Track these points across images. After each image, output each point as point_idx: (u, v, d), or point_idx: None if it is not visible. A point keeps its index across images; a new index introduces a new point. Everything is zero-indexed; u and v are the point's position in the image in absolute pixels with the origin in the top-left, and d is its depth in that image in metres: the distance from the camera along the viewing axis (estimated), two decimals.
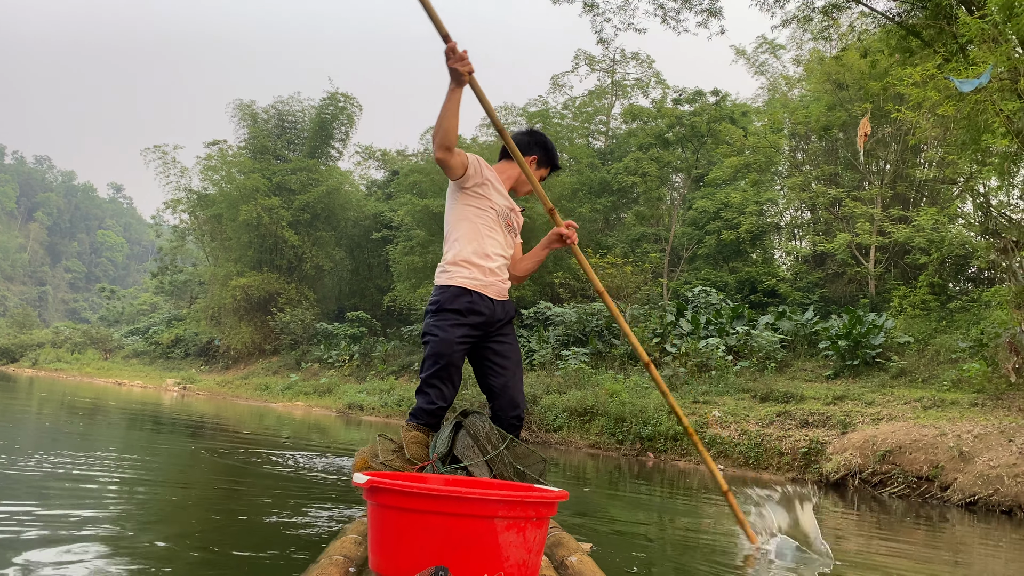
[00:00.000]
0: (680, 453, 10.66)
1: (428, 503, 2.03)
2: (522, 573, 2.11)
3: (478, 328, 3.25)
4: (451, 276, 3.22)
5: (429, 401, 3.23)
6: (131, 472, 4.73)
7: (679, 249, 23.77)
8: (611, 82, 36.66)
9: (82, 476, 4.18)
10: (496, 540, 2.05)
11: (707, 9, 10.48)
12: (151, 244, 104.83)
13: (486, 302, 3.24)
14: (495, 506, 2.05)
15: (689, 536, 4.27)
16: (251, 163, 29.99)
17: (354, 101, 31.70)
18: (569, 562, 2.47)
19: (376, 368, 23.62)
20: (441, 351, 3.17)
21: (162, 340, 35.87)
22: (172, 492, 4.17)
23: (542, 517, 2.15)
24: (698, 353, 13.82)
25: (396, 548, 2.07)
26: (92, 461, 4.92)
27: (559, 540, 2.79)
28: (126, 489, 3.97)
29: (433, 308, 3.24)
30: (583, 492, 6.05)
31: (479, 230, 3.27)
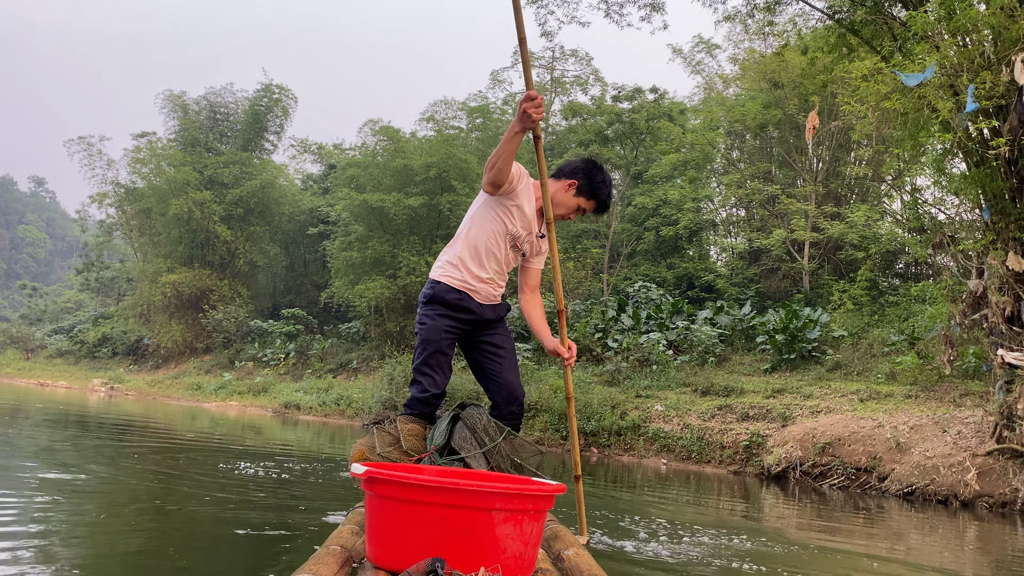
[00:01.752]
0: (624, 448, 10.67)
1: (426, 494, 2.03)
2: (519, 566, 2.11)
3: (466, 324, 3.32)
4: (444, 272, 3.30)
5: (422, 390, 3.27)
6: (54, 478, 4.43)
7: (619, 245, 23.93)
8: (551, 79, 36.75)
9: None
10: (493, 532, 2.05)
11: (650, 4, 10.49)
12: (76, 240, 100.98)
13: (475, 303, 3.31)
14: (493, 498, 2.05)
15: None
16: (182, 156, 29.05)
17: (289, 93, 31.02)
18: (566, 555, 2.49)
19: (313, 366, 23.17)
20: (430, 337, 3.26)
21: (88, 339, 34.51)
22: (97, 500, 3.91)
23: (539, 510, 2.16)
24: (639, 348, 13.89)
25: (393, 539, 2.08)
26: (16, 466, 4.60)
27: (556, 533, 2.83)
28: (49, 497, 3.69)
29: (424, 299, 3.33)
30: None
31: (483, 243, 3.28)
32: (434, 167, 21.81)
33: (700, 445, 9.86)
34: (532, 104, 2.93)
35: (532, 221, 3.33)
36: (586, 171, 3.38)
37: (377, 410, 14.61)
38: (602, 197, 3.43)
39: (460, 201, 21.42)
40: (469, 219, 3.35)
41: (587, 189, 3.38)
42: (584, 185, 3.37)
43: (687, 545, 3.77)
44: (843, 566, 3.74)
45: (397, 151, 23.72)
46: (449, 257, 3.34)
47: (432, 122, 28.73)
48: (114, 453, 6.44)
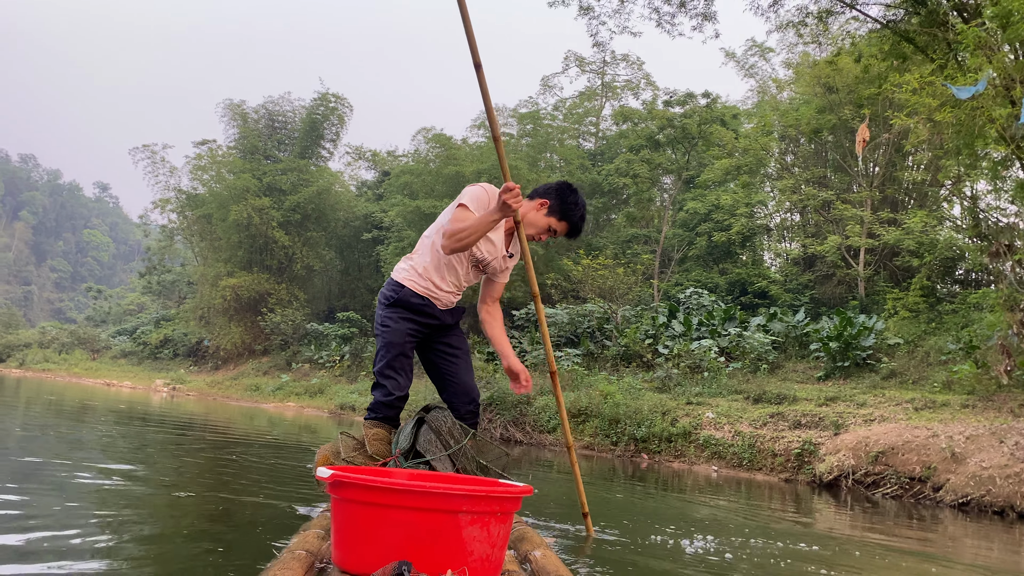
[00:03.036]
0: (674, 455, 10.73)
1: (392, 497, 2.01)
2: (486, 568, 2.09)
3: (427, 327, 3.40)
4: (408, 278, 3.36)
5: (386, 393, 3.31)
6: (118, 470, 4.73)
7: (670, 250, 23.87)
8: (601, 84, 36.79)
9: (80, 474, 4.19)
10: (460, 535, 2.03)
11: (702, 13, 10.55)
12: (138, 244, 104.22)
13: (437, 309, 3.39)
14: (459, 501, 2.03)
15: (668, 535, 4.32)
16: (241, 163, 29.89)
17: (345, 101, 31.68)
18: (533, 557, 2.48)
19: (367, 369, 23.60)
20: (394, 340, 3.30)
21: (150, 340, 35.67)
22: (158, 492, 4.18)
23: (506, 512, 2.14)
24: (691, 355, 13.90)
25: (359, 543, 2.05)
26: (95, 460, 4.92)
27: (523, 535, 2.81)
28: (112, 488, 3.97)
29: (387, 301, 3.34)
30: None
31: (446, 258, 3.35)
32: (485, 173, 22.08)
33: (751, 452, 9.87)
34: (511, 195, 3.00)
35: (499, 245, 3.39)
36: (559, 192, 3.39)
37: None
38: (574, 219, 3.41)
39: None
40: (436, 232, 3.38)
41: (558, 209, 3.38)
42: (556, 205, 3.38)
43: (734, 547, 3.87)
44: (898, 568, 3.80)
45: (449, 158, 24.07)
46: (414, 264, 3.39)
47: (483, 129, 29.07)
48: (174, 448, 6.78)
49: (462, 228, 3.13)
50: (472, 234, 3.12)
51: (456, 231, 3.14)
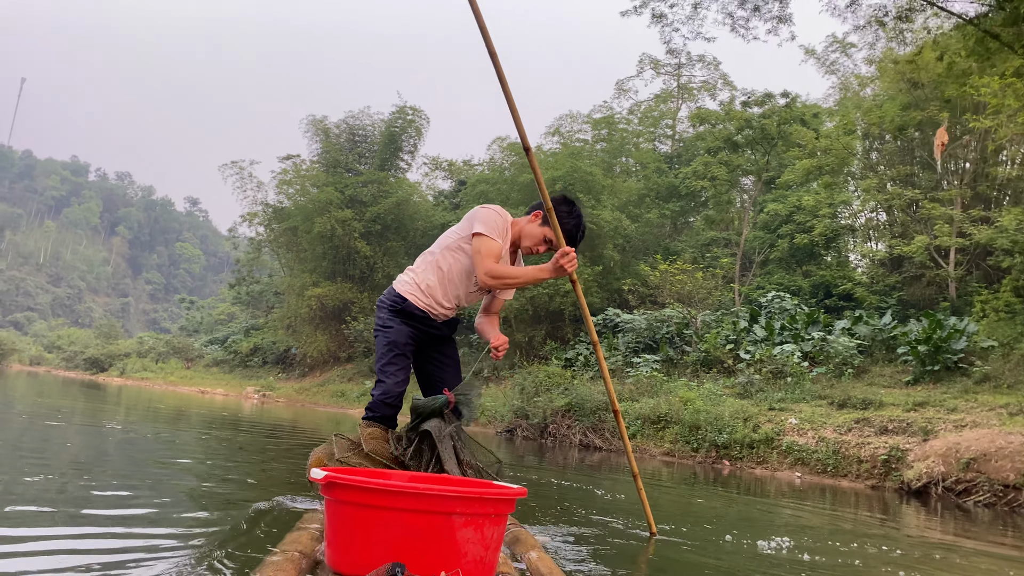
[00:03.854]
0: (756, 461, 10.62)
1: (385, 499, 2.01)
2: (479, 570, 2.08)
3: (425, 335, 3.52)
4: (410, 292, 3.47)
5: (385, 391, 3.38)
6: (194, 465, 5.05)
7: (751, 253, 23.51)
8: (677, 85, 36.49)
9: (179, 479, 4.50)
10: (454, 537, 2.03)
11: (777, 16, 10.44)
12: (227, 255, 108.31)
13: (435, 323, 3.52)
14: (452, 502, 2.03)
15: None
16: (324, 177, 30.84)
17: (422, 114, 32.32)
18: (527, 558, 2.48)
19: None
20: (396, 340, 3.41)
21: (241, 349, 37.08)
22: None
23: (500, 514, 2.14)
24: (773, 360, 13.70)
25: (353, 544, 2.05)
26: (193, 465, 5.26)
27: (517, 537, 2.83)
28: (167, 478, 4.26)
29: (392, 308, 3.46)
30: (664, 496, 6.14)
31: (452, 277, 3.47)
32: (560, 180, 22.21)
33: (836, 459, 9.70)
34: (567, 260, 3.15)
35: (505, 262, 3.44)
36: (560, 212, 3.42)
37: (509, 418, 15.08)
38: (568, 227, 3.43)
39: (586, 213, 21.71)
40: (443, 250, 3.48)
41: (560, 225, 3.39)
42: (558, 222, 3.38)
43: (816, 550, 3.89)
44: (989, 571, 3.77)
45: (524, 166, 24.30)
46: (417, 281, 3.49)
47: (557, 135, 29.24)
48: (264, 450, 7.14)
49: (510, 275, 3.25)
50: (518, 284, 3.29)
51: (502, 275, 3.24)
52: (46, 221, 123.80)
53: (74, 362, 46.72)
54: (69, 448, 5.64)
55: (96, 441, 6.49)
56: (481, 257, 3.27)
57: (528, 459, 9.42)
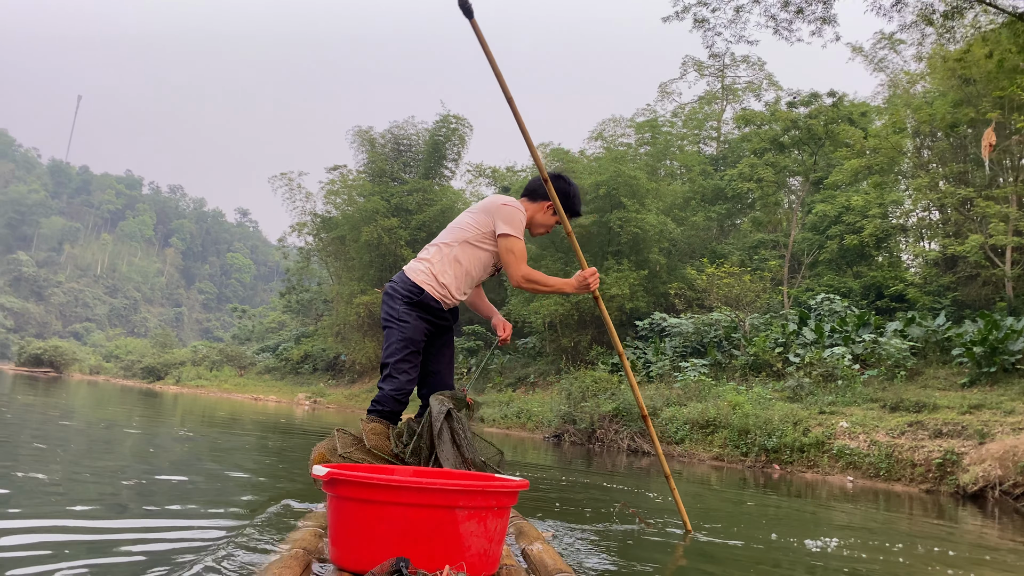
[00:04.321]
0: (807, 465, 10.52)
1: (388, 494, 2.01)
2: (483, 563, 2.08)
3: (436, 327, 3.51)
4: (427, 282, 3.43)
5: (397, 387, 3.34)
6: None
7: (799, 255, 23.21)
8: (721, 87, 36.22)
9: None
10: (457, 530, 2.03)
11: (821, 18, 10.34)
12: (276, 265, 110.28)
13: (447, 313, 3.52)
14: (455, 496, 2.03)
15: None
16: (371, 186, 31.29)
17: (465, 122, 32.57)
18: (531, 550, 2.48)
19: (493, 380, 24.15)
20: (412, 336, 3.37)
21: (292, 356, 37.74)
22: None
23: (503, 507, 2.14)
24: (823, 363, 13.54)
25: (356, 540, 2.04)
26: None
27: (520, 529, 2.84)
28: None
29: (407, 300, 3.41)
30: (707, 501, 6.16)
31: (473, 270, 3.50)
32: (604, 185, 22.22)
33: (889, 463, 9.56)
34: (595, 279, 3.45)
35: None
36: (560, 191, 3.55)
37: (556, 424, 15.14)
38: (576, 209, 3.65)
39: (630, 217, 21.68)
40: (462, 244, 3.48)
41: (564, 206, 3.58)
42: (561, 203, 3.56)
43: (863, 549, 3.90)
44: None
45: (567, 172, 24.35)
46: (435, 272, 3.45)
47: (601, 140, 29.23)
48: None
49: (543, 282, 3.43)
50: (545, 291, 3.46)
51: (537, 281, 3.42)
52: (103, 234, 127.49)
53: (132, 371, 48.04)
54: (153, 452, 5.89)
55: (176, 445, 6.74)
56: (515, 259, 3.37)
57: (576, 463, 9.48)
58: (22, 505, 3.16)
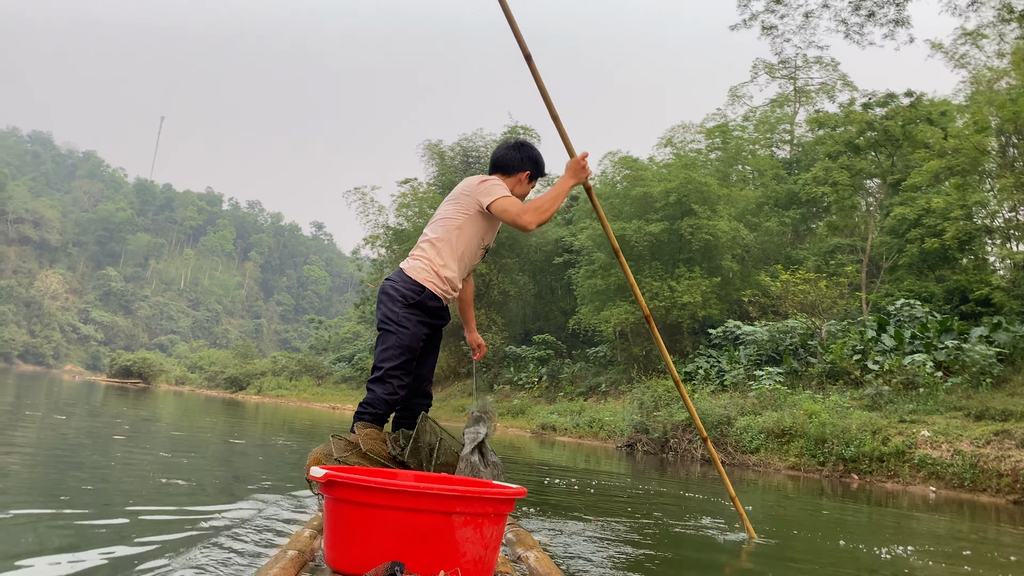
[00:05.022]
0: (887, 475, 10.26)
1: (385, 498, 2.00)
2: (479, 569, 2.08)
3: (434, 328, 3.45)
4: (429, 278, 3.35)
5: (391, 391, 3.25)
6: None
7: (878, 259, 22.58)
8: (794, 89, 35.54)
9: None
10: (453, 536, 2.03)
11: (893, 20, 10.11)
12: (351, 276, 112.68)
13: (446, 310, 3.46)
14: (452, 502, 2.03)
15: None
16: (440, 198, 31.74)
17: (532, 132, 32.76)
18: (526, 558, 2.49)
19: (565, 389, 24.20)
20: (410, 344, 3.28)
21: (367, 366, 38.49)
22: None
23: (500, 514, 2.14)
24: (903, 370, 13.17)
25: (352, 543, 2.05)
26: None
27: (517, 536, 2.84)
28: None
29: (405, 301, 3.30)
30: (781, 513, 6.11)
31: (468, 252, 3.44)
32: (674, 192, 22.07)
33: (973, 473, 9.26)
34: (587, 161, 3.39)
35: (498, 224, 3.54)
36: (530, 159, 3.55)
37: (628, 433, 15.11)
38: (544, 172, 3.63)
39: (701, 224, 21.49)
40: (455, 229, 3.40)
41: (536, 172, 3.59)
42: (534, 171, 3.57)
43: (936, 556, 3.85)
44: None
45: (636, 179, 24.28)
46: (434, 266, 3.37)
47: (670, 146, 29.03)
48: None
49: (544, 206, 3.23)
50: (553, 204, 3.26)
51: (541, 208, 3.22)
52: (186, 249, 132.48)
53: (215, 381, 49.75)
54: (250, 457, 6.19)
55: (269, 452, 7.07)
56: (514, 212, 3.26)
57: (649, 473, 9.49)
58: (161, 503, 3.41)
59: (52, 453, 5.41)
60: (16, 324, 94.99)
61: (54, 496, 3.47)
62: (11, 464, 4.45)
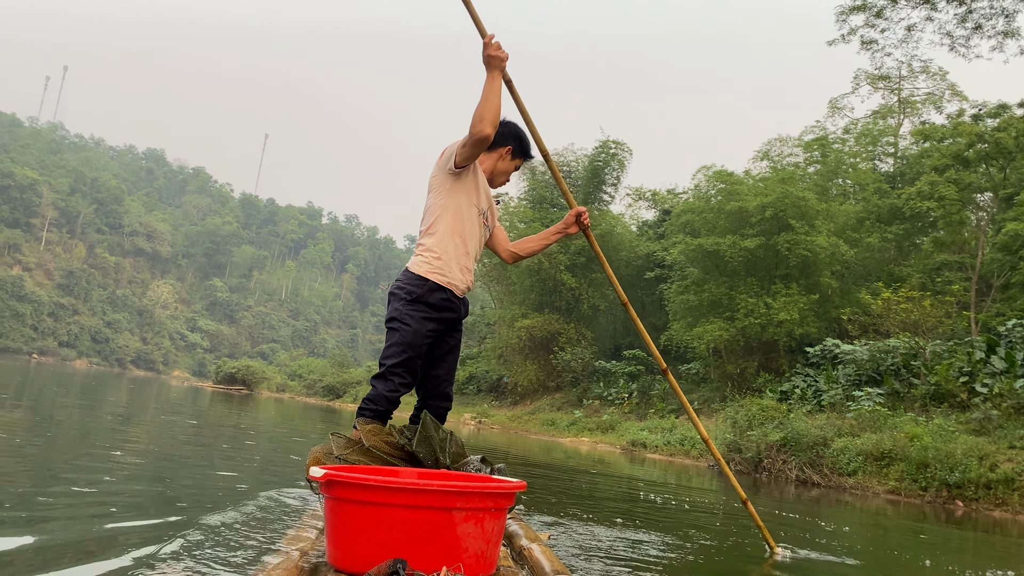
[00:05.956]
0: (995, 502, 9.81)
1: (385, 495, 2.01)
2: (480, 564, 2.09)
3: (444, 323, 3.29)
4: (431, 269, 3.23)
5: (392, 388, 3.18)
6: None
7: (988, 277, 21.52)
8: (898, 100, 34.32)
9: None
10: (455, 531, 2.03)
11: (1002, 32, 9.71)
12: None
13: (455, 300, 3.28)
14: (453, 498, 2.03)
15: None
16: (531, 213, 32.09)
17: (624, 146, 32.72)
18: (528, 551, 2.48)
19: (656, 406, 23.97)
20: (412, 342, 3.18)
21: (458, 377, 39.05)
22: None
23: (500, 508, 2.14)
24: (1015, 394, 12.55)
25: (354, 541, 2.05)
26: None
27: (517, 530, 2.84)
28: None
29: (408, 297, 3.21)
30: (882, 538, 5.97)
31: (464, 227, 3.28)
32: (770, 207, 21.65)
33: None
34: (493, 48, 3.07)
35: (488, 188, 3.39)
36: (511, 134, 3.39)
37: (721, 452, 14.90)
38: (529, 150, 3.47)
39: (799, 240, 20.99)
40: (440, 208, 3.28)
41: (519, 149, 3.43)
42: (516, 147, 3.41)
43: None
44: None
45: (731, 193, 23.91)
46: (434, 253, 3.26)
47: (766, 159, 28.46)
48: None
49: (481, 102, 3.06)
50: (492, 99, 3.07)
51: (480, 112, 3.05)
52: (287, 261, 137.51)
53: (313, 389, 51.40)
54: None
55: None
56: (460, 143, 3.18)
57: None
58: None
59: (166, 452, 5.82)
60: (130, 332, 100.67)
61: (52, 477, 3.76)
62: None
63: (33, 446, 5.51)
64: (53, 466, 4.53)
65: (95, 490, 3.80)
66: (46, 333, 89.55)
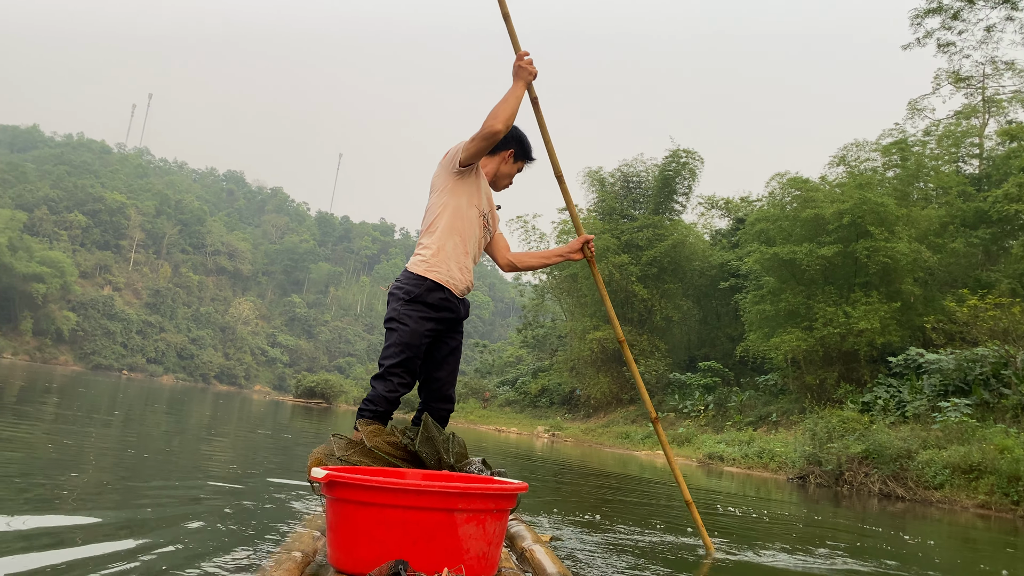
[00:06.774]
0: None
1: (387, 496, 2.01)
2: (482, 565, 2.09)
3: (444, 323, 3.28)
4: (429, 268, 3.23)
5: (391, 388, 3.18)
6: None
7: None
8: (982, 99, 33.04)
9: None
10: (456, 533, 2.03)
11: None
12: (512, 301, 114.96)
13: (454, 300, 3.28)
14: (454, 499, 2.04)
15: None
16: (601, 224, 32.06)
17: (695, 155, 32.43)
18: (529, 553, 2.48)
19: (732, 419, 23.59)
20: (410, 342, 3.18)
21: (530, 390, 39.22)
22: None
23: (502, 509, 2.15)
24: None
25: (355, 542, 2.05)
26: None
27: (520, 532, 2.84)
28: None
29: (406, 297, 3.22)
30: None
31: (463, 227, 3.29)
32: (847, 214, 21.14)
33: None
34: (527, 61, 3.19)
35: (489, 192, 3.41)
36: (514, 137, 3.40)
37: (800, 465, 14.59)
38: (531, 153, 3.48)
39: (878, 247, 20.43)
40: (440, 207, 3.29)
41: (522, 152, 3.45)
42: (519, 150, 3.43)
43: None
44: None
45: (807, 201, 23.43)
46: (432, 251, 3.26)
47: (843, 165, 27.78)
48: (559, 487, 7.77)
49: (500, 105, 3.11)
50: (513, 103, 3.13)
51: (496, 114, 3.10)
52: (362, 277, 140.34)
53: None
54: None
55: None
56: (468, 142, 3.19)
57: (823, 505, 9.20)
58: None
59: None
60: (213, 348, 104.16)
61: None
62: None
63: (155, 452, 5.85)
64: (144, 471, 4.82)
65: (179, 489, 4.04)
66: (135, 350, 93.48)
